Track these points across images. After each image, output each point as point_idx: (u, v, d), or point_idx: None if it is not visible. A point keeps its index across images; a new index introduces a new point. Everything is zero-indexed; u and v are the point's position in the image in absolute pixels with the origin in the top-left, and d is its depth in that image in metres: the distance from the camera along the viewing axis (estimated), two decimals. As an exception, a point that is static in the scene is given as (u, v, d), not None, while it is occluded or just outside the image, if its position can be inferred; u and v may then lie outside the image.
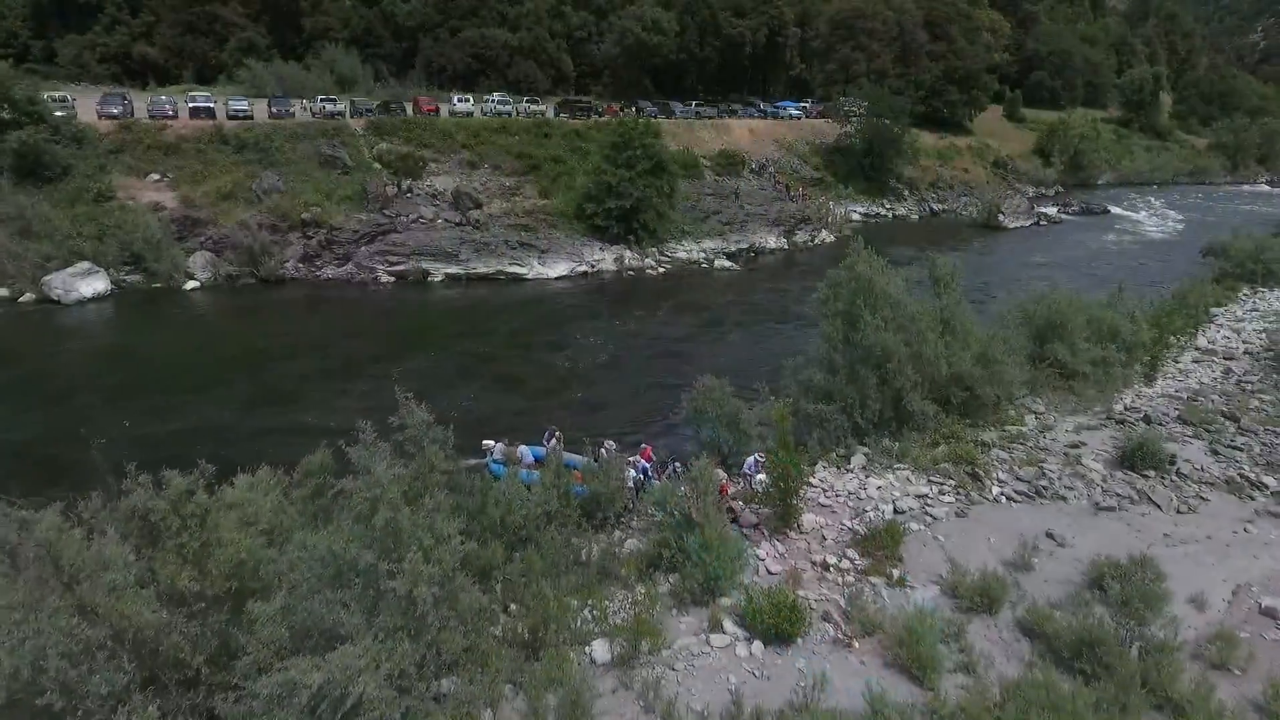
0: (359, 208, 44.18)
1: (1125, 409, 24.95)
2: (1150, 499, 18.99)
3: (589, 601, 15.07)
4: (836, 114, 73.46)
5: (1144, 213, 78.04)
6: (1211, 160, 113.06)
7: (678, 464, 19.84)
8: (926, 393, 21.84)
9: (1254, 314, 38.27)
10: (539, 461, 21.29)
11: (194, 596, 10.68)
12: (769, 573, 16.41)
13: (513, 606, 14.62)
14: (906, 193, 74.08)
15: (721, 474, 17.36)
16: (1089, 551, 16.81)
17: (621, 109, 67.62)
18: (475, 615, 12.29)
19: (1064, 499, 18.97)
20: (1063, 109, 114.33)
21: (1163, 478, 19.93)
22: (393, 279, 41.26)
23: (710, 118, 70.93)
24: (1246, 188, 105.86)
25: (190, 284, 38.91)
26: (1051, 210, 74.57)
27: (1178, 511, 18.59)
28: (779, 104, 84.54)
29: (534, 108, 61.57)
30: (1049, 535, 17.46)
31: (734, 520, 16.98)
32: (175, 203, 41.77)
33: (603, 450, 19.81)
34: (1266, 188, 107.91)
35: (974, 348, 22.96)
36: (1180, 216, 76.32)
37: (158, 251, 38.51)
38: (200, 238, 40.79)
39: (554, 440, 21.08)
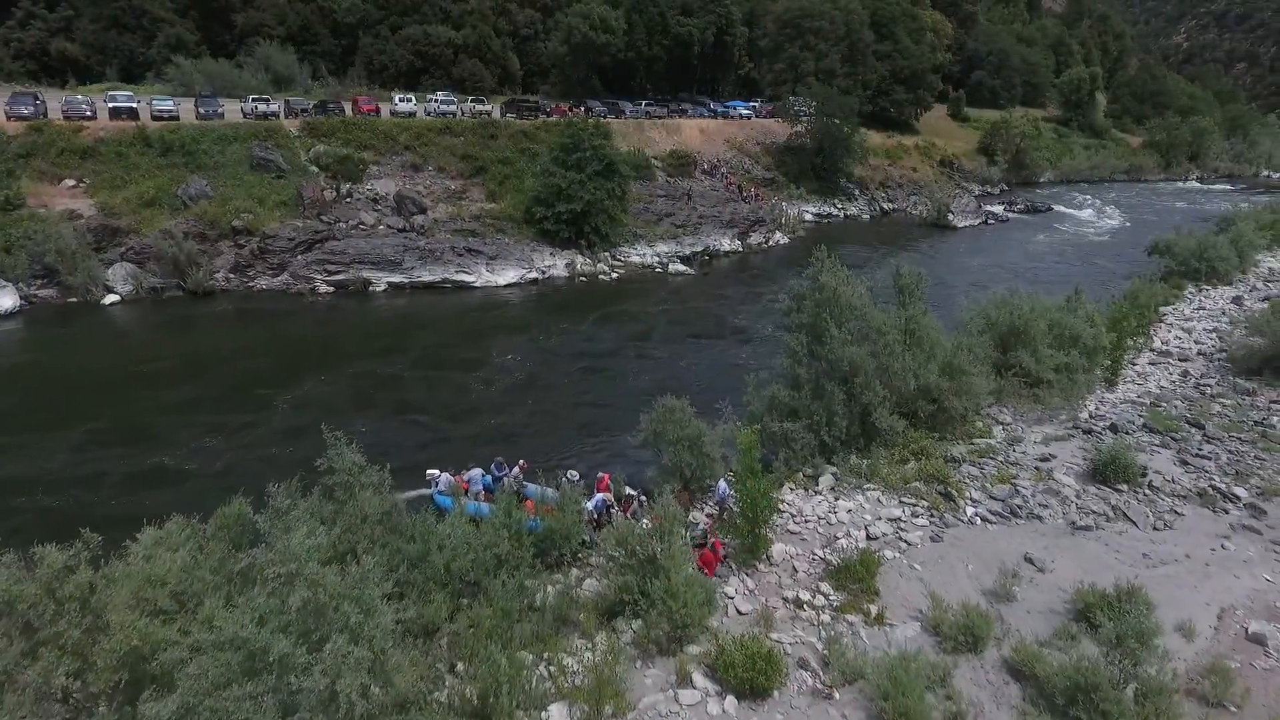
0: (294, 214, 41.86)
1: (1091, 416, 24.55)
2: (1126, 515, 18.41)
3: (544, 655, 13.76)
4: (786, 113, 73.06)
5: (1086, 210, 79.53)
6: (1146, 158, 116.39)
7: (642, 496, 18.53)
8: (893, 407, 20.99)
9: (1201, 312, 38.68)
10: (489, 491, 19.85)
11: (75, 695, 9.03)
12: (739, 612, 15.28)
13: (460, 666, 13.21)
14: (857, 192, 74.11)
15: (701, 520, 16.17)
16: (1070, 577, 16.08)
17: (570, 109, 66.10)
18: (415, 687, 10.86)
19: (1040, 518, 18.26)
20: (1003, 108, 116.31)
21: (1135, 491, 19.39)
22: (332, 289, 39.09)
23: (660, 117, 69.85)
24: (1179, 184, 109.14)
25: (110, 298, 36.22)
26: (998, 209, 75.39)
27: (1154, 528, 18.01)
28: (729, 103, 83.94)
29: (480, 107, 59.62)
30: (1028, 560, 16.68)
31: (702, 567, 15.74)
32: (93, 210, 38.93)
33: (564, 481, 18.43)
34: (1197, 184, 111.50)
35: (939, 358, 22.22)
36: (1120, 214, 77.98)
37: (73, 263, 35.71)
38: (121, 248, 38.03)
39: (515, 470, 19.54)
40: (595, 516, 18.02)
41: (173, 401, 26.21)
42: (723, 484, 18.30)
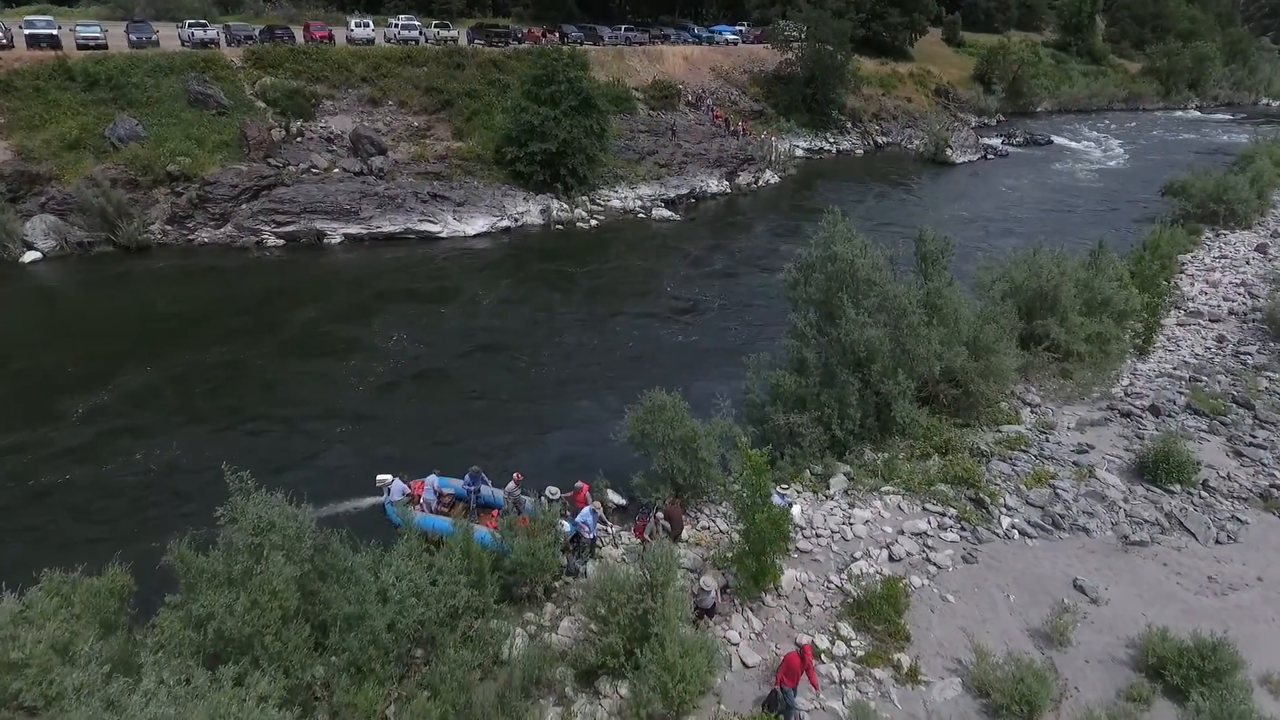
0: (238, 157, 37.71)
1: (1126, 394, 22.07)
2: (1183, 525, 16.06)
3: (512, 733, 11.31)
4: (776, 39, 68.19)
5: (1087, 143, 76.01)
6: (1145, 85, 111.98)
7: (658, 513, 15.65)
8: (915, 393, 18.35)
9: (1224, 262, 36.10)
10: (464, 502, 17.12)
11: None
12: (744, 665, 12.85)
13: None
14: (850, 125, 69.97)
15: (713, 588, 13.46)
16: (1130, 611, 13.80)
17: (544, 34, 61.00)
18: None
19: (1086, 530, 15.87)
20: (999, 33, 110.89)
21: (1190, 494, 17.03)
22: (282, 243, 35.41)
23: (641, 44, 64.83)
24: (1178, 113, 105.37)
25: (30, 255, 32.43)
26: (996, 142, 71.77)
27: (1216, 541, 15.70)
28: (714, 28, 78.48)
29: (445, 33, 54.51)
30: (1078, 587, 14.34)
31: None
32: (7, 154, 34.63)
33: (543, 499, 15.68)
34: (1197, 113, 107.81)
35: (964, 333, 19.48)
36: (1122, 147, 74.60)
37: (-16, 216, 31.84)
38: (41, 198, 33.97)
39: (510, 485, 16.45)
40: (575, 537, 15.39)
41: (80, 384, 22.85)
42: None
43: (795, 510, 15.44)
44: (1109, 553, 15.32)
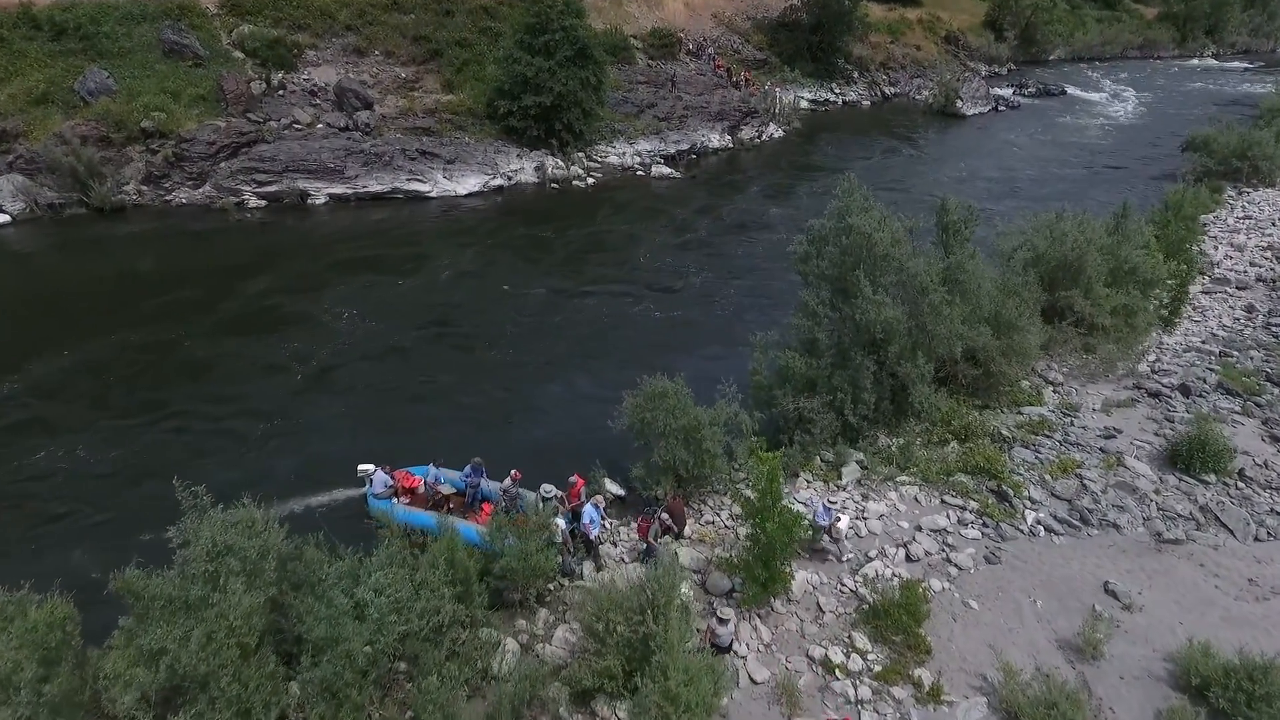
0: (215, 112, 35.77)
1: (1153, 371, 20.91)
2: (1219, 520, 15.04)
3: (503, 766, 10.43)
4: (781, -18, 65.28)
5: (1101, 94, 73.43)
6: (1160, 31, 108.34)
7: (662, 514, 14.50)
8: (934, 375, 17.17)
9: (1248, 223, 34.59)
10: (460, 494, 16.02)
11: None
12: (753, 682, 11.93)
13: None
14: (857, 75, 67.38)
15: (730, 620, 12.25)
16: (1166, 618, 12.85)
17: (537, -22, 58.06)
18: None
19: (1116, 527, 14.85)
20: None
21: (1225, 484, 15.98)
22: (263, 204, 33.74)
23: (640, -12, 61.94)
24: (1195, 62, 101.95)
25: (-1, 218, 30.88)
26: (1008, 92, 69.27)
27: (1255, 539, 14.71)
28: (716, -30, 75.13)
29: (433, -23, 51.77)
30: (1109, 591, 13.39)
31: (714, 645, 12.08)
32: (-30, 110, 32.82)
33: (537, 498, 14.60)
34: (1214, 61, 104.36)
35: (986, 308, 18.21)
36: (1137, 98, 72.06)
37: (-51, 177, 30.17)
38: (8, 156, 32.21)
39: (507, 482, 15.22)
40: (571, 535, 14.37)
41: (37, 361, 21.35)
42: (820, 504, 14.42)
43: (844, 523, 14.14)
44: (1141, 552, 14.33)
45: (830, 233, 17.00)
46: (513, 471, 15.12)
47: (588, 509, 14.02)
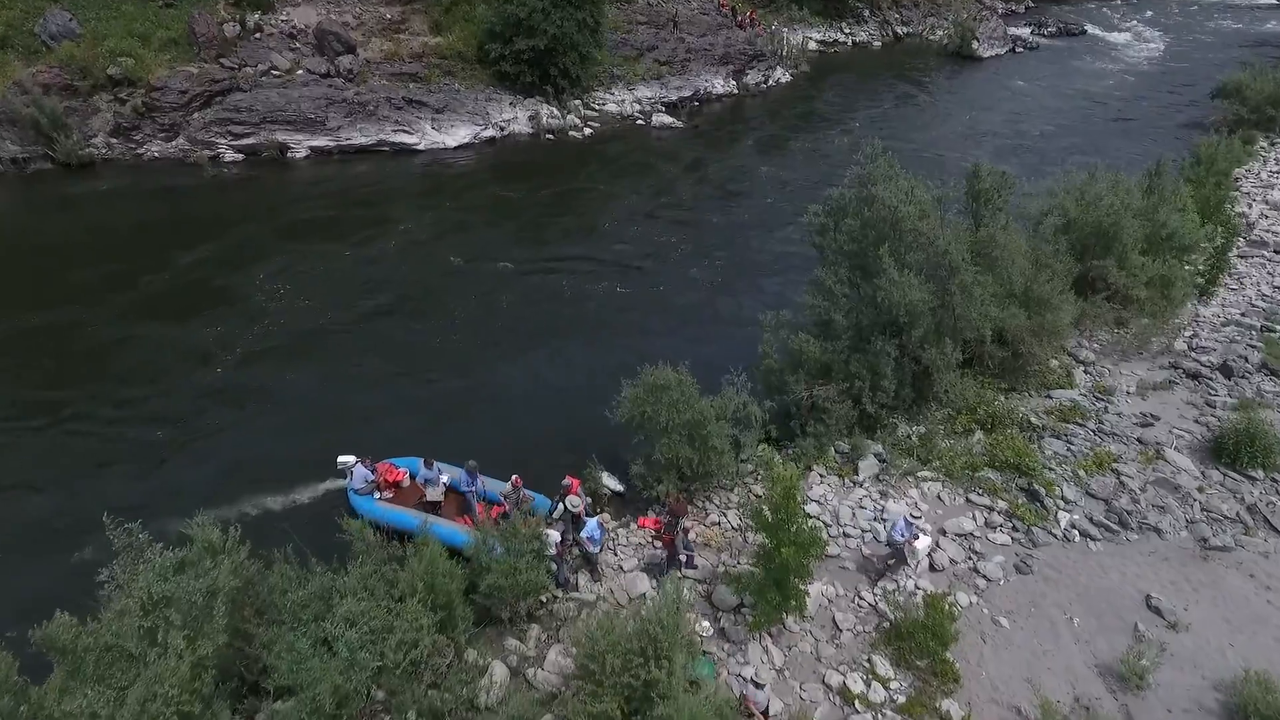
0: (187, 57, 33.52)
1: (1190, 348, 19.51)
2: (1269, 522, 13.86)
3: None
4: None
5: (1123, 34, 70.03)
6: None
7: (688, 550, 13.25)
8: (960, 359, 15.80)
9: (1283, 177, 32.71)
10: (457, 492, 14.70)
11: None
12: (764, 715, 10.87)
13: None
14: (868, 13, 63.98)
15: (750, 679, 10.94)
16: (1215, 638, 11.76)
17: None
18: None
19: (1157, 531, 13.68)
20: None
21: (1274, 480, 14.75)
22: (240, 157, 31.76)
23: (640, -82, 58.29)
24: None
25: (-42, 174, 29.03)
26: (1026, 32, 65.90)
27: (1309, 544, 13.55)
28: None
29: (419, -93, 48.50)
30: (1153, 608, 12.27)
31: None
32: (-76, 56, 30.65)
33: (561, 504, 13.38)
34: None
35: (1017, 283, 16.72)
36: (1161, 38, 68.73)
37: (-97, 130, 28.25)
38: (-34, 106, 30.21)
39: (506, 487, 13.79)
40: (567, 546, 13.20)
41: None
42: (900, 521, 12.68)
43: (922, 543, 12.74)
44: (1185, 560, 13.19)
45: (850, 203, 15.41)
46: (513, 477, 13.81)
47: (591, 524, 12.77)
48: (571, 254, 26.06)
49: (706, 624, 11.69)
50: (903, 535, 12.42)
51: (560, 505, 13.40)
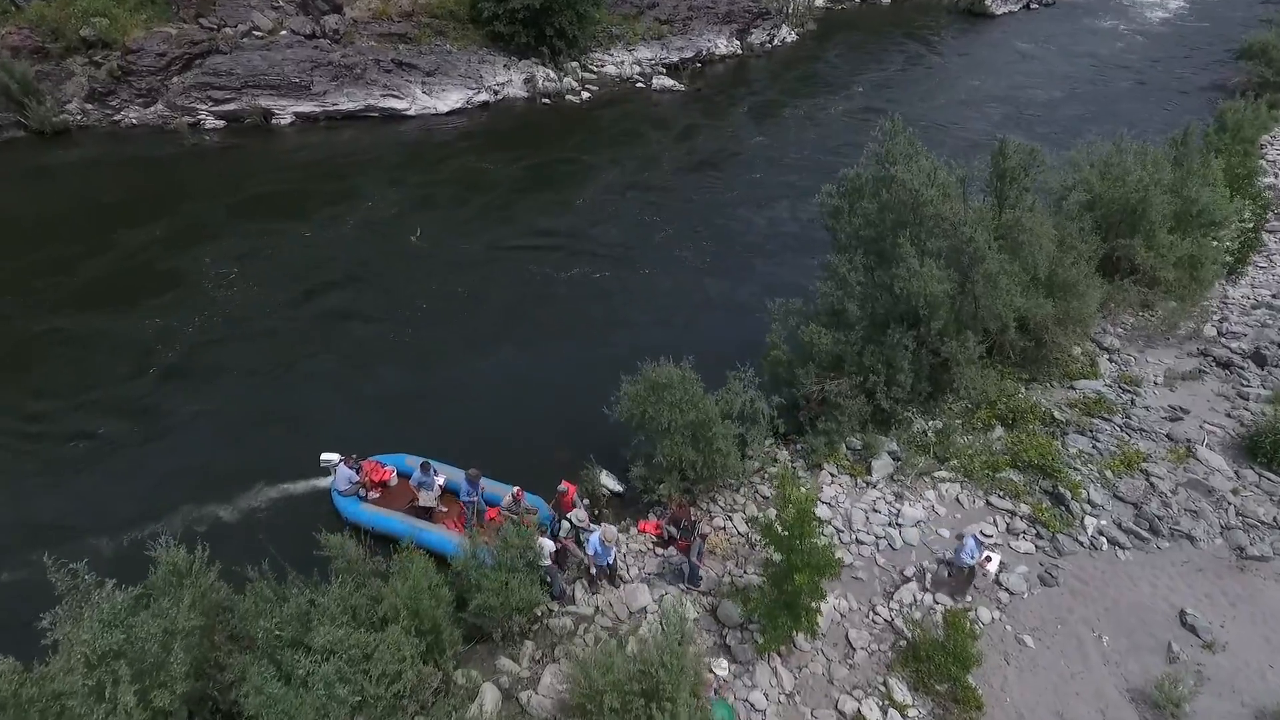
0: (165, 16, 31.90)
1: (1220, 333, 18.55)
2: (1309, 529, 13.04)
3: None
4: None
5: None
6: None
7: (699, 560, 12.38)
8: (981, 349, 14.85)
9: (1311, 145, 31.36)
10: (454, 495, 13.82)
11: None
12: (773, 749, 10.18)
13: None
14: (876, -33, 61.72)
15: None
16: (1255, 660, 11.03)
17: None
18: None
19: (1190, 538, 12.87)
20: None
21: (1313, 481, 13.91)
22: (222, 124, 30.37)
23: None
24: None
25: (-73, 142, 27.69)
26: (1039, -13, 63.64)
27: (1352, 553, 12.75)
28: None
29: None
30: (1187, 625, 11.51)
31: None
32: (-114, 15, 29.08)
33: (522, 510, 12.55)
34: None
35: (1042, 267, 15.65)
36: (1181, -7, 66.41)
37: None
38: (-67, 70, 28.76)
39: (507, 499, 12.89)
40: (560, 552, 12.43)
41: None
42: (970, 541, 11.54)
43: (994, 564, 11.87)
44: (1221, 571, 12.40)
45: (867, 184, 14.31)
46: (514, 489, 12.95)
47: (593, 539, 11.91)
48: (547, 233, 24.27)
49: (725, 663, 10.86)
50: (972, 556, 11.50)
51: (564, 523, 12.60)
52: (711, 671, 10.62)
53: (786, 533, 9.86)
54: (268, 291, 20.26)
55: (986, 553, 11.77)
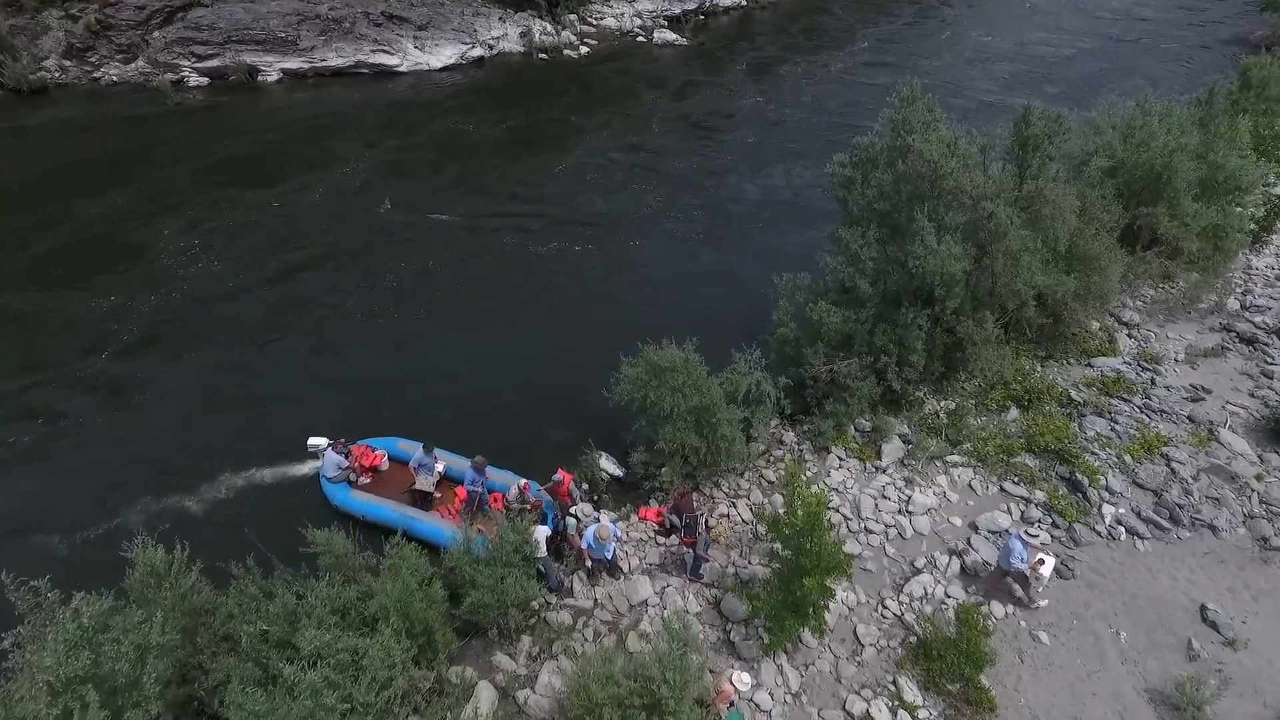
0: (143, -34, 30.53)
1: (1243, 308, 17.86)
2: (1335, 518, 12.56)
3: None
4: None
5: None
6: None
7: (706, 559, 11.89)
8: (997, 327, 14.20)
9: (1335, 103, 30.07)
10: (457, 485, 13.22)
11: None
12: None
13: None
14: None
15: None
16: (1278, 659, 10.60)
17: None
18: None
19: (1212, 528, 12.39)
20: None
21: (1339, 466, 13.40)
22: (205, 81, 29.27)
23: None
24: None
25: (-100, 102, 26.67)
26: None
27: (1381, 544, 12.28)
28: None
29: None
30: (1208, 621, 11.10)
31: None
32: None
33: (568, 520, 12.12)
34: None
35: (1062, 239, 14.89)
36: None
37: None
38: (-98, 24, 27.59)
39: (513, 491, 12.42)
40: (555, 533, 11.97)
41: None
42: (1017, 543, 11.02)
43: (1047, 568, 11.10)
44: (1243, 562, 11.95)
45: (881, 154, 13.50)
46: (521, 481, 12.44)
47: (588, 534, 11.41)
48: (530, 200, 23.27)
49: (746, 676, 10.40)
50: (1022, 559, 10.99)
51: (570, 519, 12.14)
52: (731, 683, 10.19)
53: (795, 535, 9.35)
54: (232, 266, 19.12)
55: (1039, 555, 11.22)
